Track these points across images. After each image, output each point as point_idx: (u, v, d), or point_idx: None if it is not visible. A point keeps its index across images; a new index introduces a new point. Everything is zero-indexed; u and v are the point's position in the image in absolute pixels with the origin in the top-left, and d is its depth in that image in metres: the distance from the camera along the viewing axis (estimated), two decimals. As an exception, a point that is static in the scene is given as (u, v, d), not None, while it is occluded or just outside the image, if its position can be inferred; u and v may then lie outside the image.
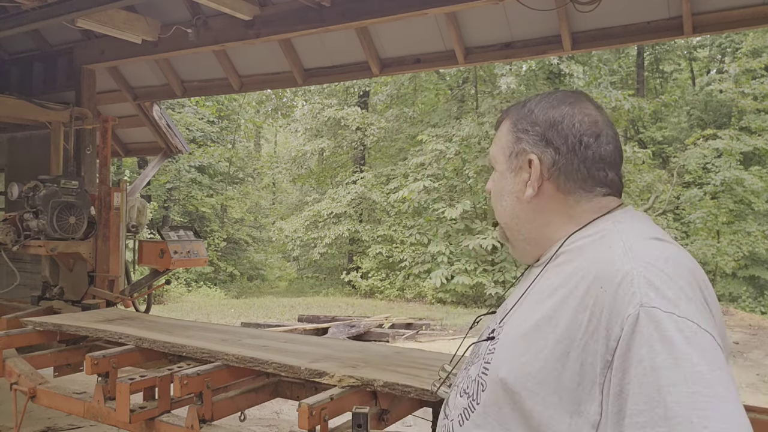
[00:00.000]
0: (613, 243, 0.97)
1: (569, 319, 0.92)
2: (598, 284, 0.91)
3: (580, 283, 0.94)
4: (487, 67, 16.47)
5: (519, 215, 1.12)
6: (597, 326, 0.88)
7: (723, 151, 17.03)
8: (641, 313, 0.84)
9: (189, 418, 2.60)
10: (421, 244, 16.90)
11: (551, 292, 0.99)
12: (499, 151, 1.15)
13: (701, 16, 4.37)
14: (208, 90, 7.04)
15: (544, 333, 0.95)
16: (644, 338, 0.83)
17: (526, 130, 1.10)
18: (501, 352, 1.03)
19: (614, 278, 0.89)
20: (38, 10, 4.56)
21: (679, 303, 0.85)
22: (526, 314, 1.02)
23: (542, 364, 0.93)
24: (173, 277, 16.82)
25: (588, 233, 1.04)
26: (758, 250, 16.41)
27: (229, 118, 22.46)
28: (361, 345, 3.51)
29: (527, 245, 1.14)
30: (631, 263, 0.90)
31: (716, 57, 21.88)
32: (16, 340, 3.73)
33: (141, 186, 7.80)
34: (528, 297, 1.06)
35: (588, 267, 0.95)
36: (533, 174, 1.08)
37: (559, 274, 1.01)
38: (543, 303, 0.99)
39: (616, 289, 0.88)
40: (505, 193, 1.14)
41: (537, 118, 1.10)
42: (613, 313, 0.87)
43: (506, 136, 1.14)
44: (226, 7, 4.80)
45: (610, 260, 0.93)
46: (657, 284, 0.87)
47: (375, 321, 11.04)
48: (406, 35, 5.36)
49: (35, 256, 5.82)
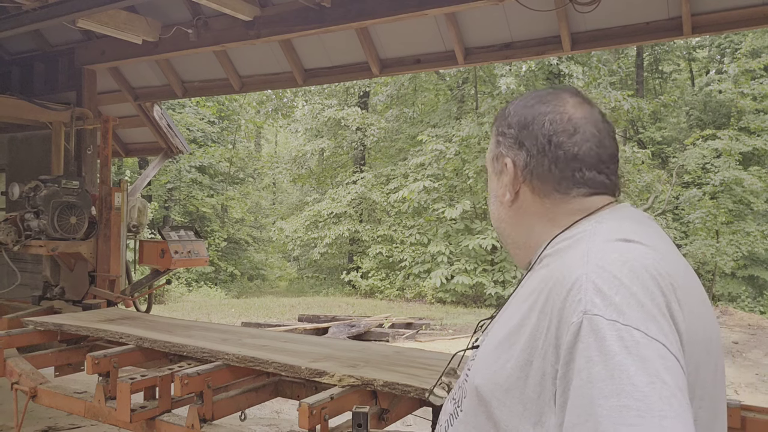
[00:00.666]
0: (580, 246, 0.94)
1: (533, 328, 0.90)
2: (555, 290, 0.88)
3: (544, 289, 0.91)
4: (486, 67, 16.48)
5: (504, 219, 1.12)
6: (551, 335, 0.86)
7: (722, 152, 17.03)
8: (584, 320, 0.81)
9: (190, 418, 2.61)
10: (421, 244, 16.91)
11: (525, 298, 0.96)
12: (488, 154, 1.16)
13: (700, 16, 4.37)
14: (209, 90, 7.05)
15: (513, 341, 0.93)
16: (584, 348, 0.80)
17: (504, 133, 1.09)
18: (479, 359, 1.02)
19: (566, 284, 0.87)
20: (39, 10, 4.56)
21: (626, 310, 0.80)
22: (504, 321, 1.00)
23: (509, 372, 0.91)
24: (174, 276, 16.82)
25: (566, 236, 1.00)
26: (757, 250, 16.41)
27: (230, 118, 22.47)
28: (361, 345, 3.52)
29: (517, 249, 1.13)
30: (583, 268, 0.87)
31: (715, 57, 21.89)
32: (17, 339, 3.74)
33: (142, 186, 7.80)
34: (509, 303, 1.05)
35: (552, 273, 0.93)
36: (507, 177, 1.08)
37: (534, 280, 0.99)
38: (518, 310, 0.97)
39: (566, 296, 0.85)
40: (491, 196, 1.15)
41: (512, 120, 1.09)
42: (561, 320, 0.85)
43: (492, 139, 1.15)
44: (227, 8, 4.81)
45: (568, 265, 0.90)
46: (604, 290, 0.82)
47: (375, 321, 11.04)
48: (406, 35, 5.37)
49: (36, 256, 5.83)
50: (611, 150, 1.04)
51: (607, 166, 1.03)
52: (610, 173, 1.03)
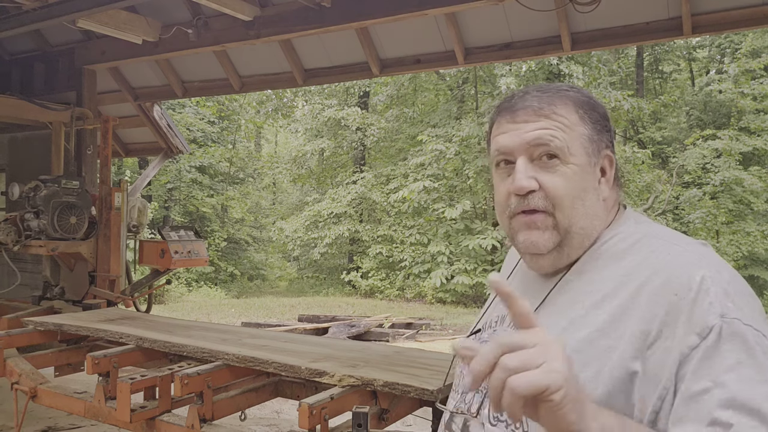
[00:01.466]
0: (667, 248, 0.92)
1: (637, 331, 0.86)
2: (670, 291, 0.86)
3: (641, 290, 0.88)
4: (486, 67, 16.49)
5: (599, 216, 1.00)
6: (669, 336, 0.84)
7: (722, 152, 17.04)
8: (724, 324, 0.82)
9: (189, 418, 2.61)
10: (421, 244, 16.91)
11: (597, 303, 0.91)
12: (576, 139, 0.99)
13: (701, 16, 4.37)
14: (209, 90, 7.05)
15: (605, 347, 0.87)
16: (730, 350, 0.81)
17: (601, 122, 1.02)
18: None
19: (690, 286, 0.85)
20: (39, 10, 4.56)
21: (754, 316, 0.84)
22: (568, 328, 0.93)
23: (606, 380, 0.86)
24: (174, 276, 16.82)
25: (618, 235, 0.99)
26: (757, 250, 16.40)
27: (230, 118, 22.46)
28: (361, 345, 3.52)
29: (580, 250, 1.01)
30: (704, 270, 0.86)
31: (715, 57, 21.89)
32: (17, 339, 3.74)
33: (142, 186, 7.80)
34: (556, 308, 0.98)
35: (644, 273, 0.90)
36: (612, 171, 1.02)
37: (596, 282, 0.95)
38: (590, 315, 0.91)
39: (694, 298, 0.84)
40: (589, 190, 0.99)
41: (605, 113, 1.03)
42: (691, 322, 0.83)
43: (581, 124, 1.00)
44: (227, 8, 4.81)
45: (680, 267, 0.88)
46: (733, 296, 0.85)
47: (375, 321, 11.05)
48: (406, 35, 5.37)
49: (36, 256, 5.83)
50: None
51: None
52: None
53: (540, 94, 1.01)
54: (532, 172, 0.98)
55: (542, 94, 1.01)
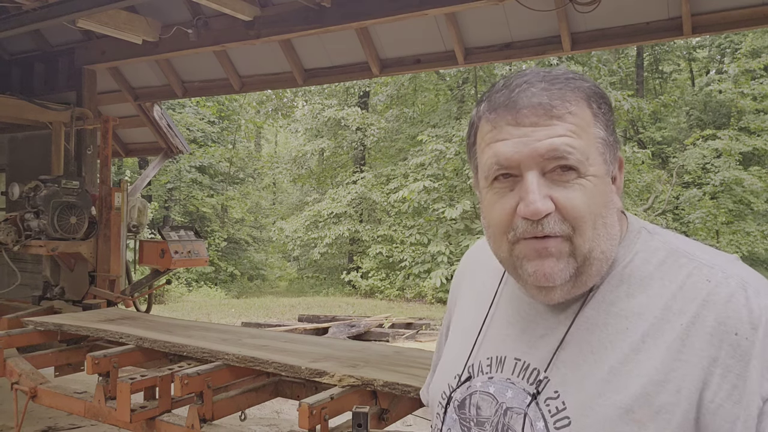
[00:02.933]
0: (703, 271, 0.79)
1: (696, 380, 0.73)
2: (730, 331, 0.73)
3: (693, 329, 0.75)
4: (486, 67, 16.49)
5: (616, 235, 0.82)
6: (737, 386, 0.72)
7: (722, 152, 17.05)
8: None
9: (189, 418, 2.61)
10: (421, 244, 16.91)
11: (636, 345, 0.77)
12: (592, 144, 0.80)
13: (701, 16, 4.37)
14: (209, 90, 7.05)
15: (661, 404, 0.74)
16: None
17: (610, 118, 0.83)
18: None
19: (753, 323, 0.73)
20: (39, 10, 4.56)
21: None
22: (605, 376, 0.77)
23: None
24: (174, 276, 16.82)
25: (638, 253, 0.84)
26: (757, 250, 16.42)
27: (230, 118, 22.47)
28: (361, 345, 3.52)
29: (598, 278, 0.83)
30: (758, 300, 0.75)
31: (715, 57, 21.90)
32: (17, 339, 3.75)
33: (142, 186, 7.81)
34: (579, 348, 0.81)
35: (690, 306, 0.77)
36: (621, 176, 0.86)
37: (626, 316, 0.80)
38: (632, 360, 0.77)
39: (762, 337, 0.72)
40: (609, 206, 0.81)
41: (610, 101, 0.84)
42: (764, 363, 0.72)
43: (594, 124, 0.81)
44: (227, 8, 4.81)
45: (730, 296, 0.75)
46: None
47: (375, 321, 11.04)
48: (406, 35, 5.37)
49: (36, 256, 5.83)
50: None
51: None
52: None
53: (548, 87, 0.79)
54: (546, 189, 0.78)
55: (551, 86, 0.79)
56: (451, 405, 0.89)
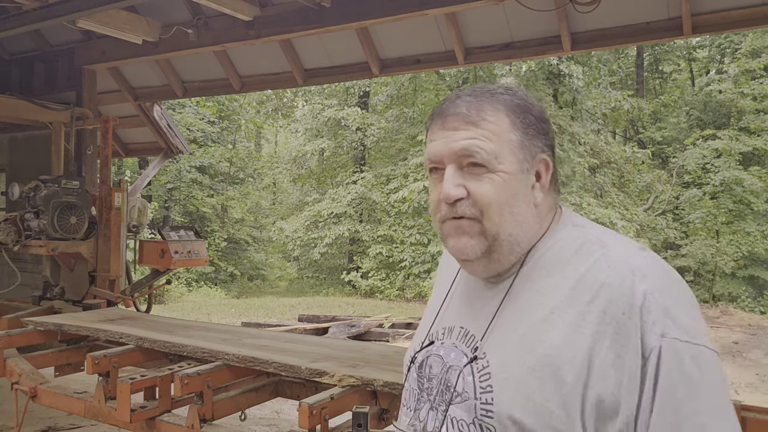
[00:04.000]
0: (608, 257, 0.93)
1: (589, 349, 0.87)
2: (617, 309, 0.88)
3: (590, 306, 0.89)
4: (486, 67, 16.49)
5: (528, 223, 0.99)
6: (619, 357, 0.86)
7: (722, 152, 17.04)
8: (663, 345, 0.85)
9: (189, 418, 2.61)
10: (421, 244, 16.91)
11: (546, 317, 0.92)
12: (505, 146, 0.97)
13: (701, 16, 4.37)
14: (209, 90, 7.05)
15: (559, 366, 0.88)
16: (667, 372, 0.85)
17: (536, 126, 1.00)
18: (505, 390, 0.91)
19: (634, 304, 0.87)
20: (39, 10, 4.56)
21: (691, 328, 0.87)
22: (521, 342, 0.93)
23: (564, 399, 0.87)
24: (174, 276, 16.81)
25: (559, 241, 0.99)
26: (757, 250, 16.41)
27: (230, 118, 22.46)
28: (361, 345, 3.52)
29: (513, 258, 1.00)
30: (644, 285, 0.88)
31: (715, 57, 21.89)
32: (17, 339, 3.75)
33: (142, 186, 7.80)
34: (508, 319, 0.97)
35: (591, 287, 0.91)
36: (548, 176, 1.01)
37: (544, 293, 0.95)
38: (543, 330, 0.91)
39: (639, 316, 0.86)
40: (518, 197, 0.98)
41: (541, 114, 1.01)
42: (642, 342, 0.86)
43: (512, 130, 0.98)
44: (227, 8, 4.81)
45: (621, 282, 0.89)
46: (672, 311, 0.87)
47: (375, 321, 11.04)
48: (406, 35, 5.37)
49: (36, 256, 5.83)
50: None
51: None
52: None
53: (471, 99, 0.99)
54: (460, 179, 0.97)
55: (473, 98, 0.99)
56: (414, 365, 1.08)
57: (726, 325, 12.25)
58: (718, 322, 12.66)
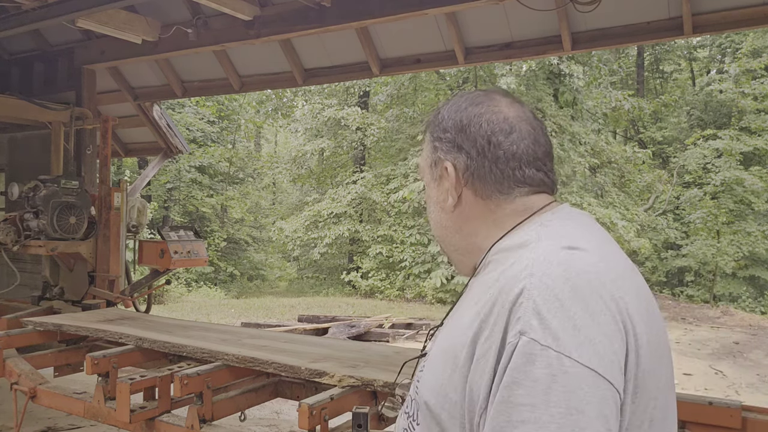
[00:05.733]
0: (527, 254, 0.92)
1: (474, 337, 0.88)
2: (501, 302, 0.87)
3: (487, 299, 0.90)
4: (487, 67, 16.48)
5: (446, 225, 1.09)
6: (491, 348, 0.85)
7: (723, 151, 17.04)
8: (519, 342, 0.81)
9: (189, 418, 2.60)
10: (421, 244, 16.90)
11: (469, 306, 0.95)
12: (423, 161, 1.14)
13: (701, 16, 4.36)
14: (209, 90, 7.04)
15: (456, 352, 0.90)
16: (513, 369, 0.80)
17: (440, 137, 1.09)
18: (427, 371, 0.99)
19: (510, 297, 0.86)
20: (38, 10, 4.56)
21: (561, 335, 0.80)
22: (449, 331, 0.99)
23: (455, 384, 0.89)
24: (173, 277, 16.78)
25: (512, 240, 1.00)
26: (758, 250, 16.40)
27: (229, 118, 22.46)
28: (361, 345, 3.51)
29: (460, 256, 1.10)
30: (525, 281, 0.86)
31: (716, 57, 21.89)
32: (17, 340, 3.74)
33: (141, 186, 7.80)
34: (455, 311, 1.03)
35: (496, 282, 0.92)
36: (449, 182, 1.06)
37: (477, 287, 0.98)
38: (462, 319, 0.95)
39: (509, 311, 0.85)
40: (431, 203, 1.13)
41: (447, 124, 1.08)
42: (503, 337, 0.84)
43: (426, 146, 1.14)
44: (227, 8, 4.80)
45: (512, 275, 0.89)
46: (543, 312, 0.82)
47: (375, 321, 11.03)
48: (406, 35, 5.36)
49: (35, 256, 5.82)
50: (546, 147, 1.06)
51: (544, 162, 1.04)
52: (548, 170, 1.05)
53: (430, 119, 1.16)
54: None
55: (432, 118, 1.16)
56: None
57: (727, 326, 12.24)
58: (718, 323, 12.65)
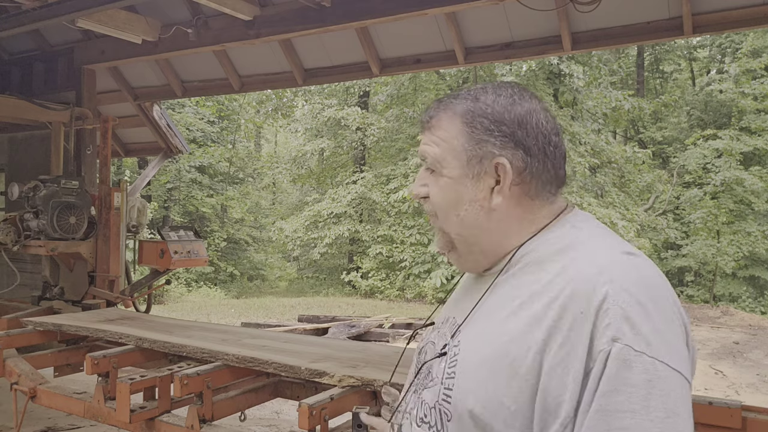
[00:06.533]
0: (584, 257, 0.91)
1: (542, 344, 0.86)
2: (577, 308, 0.85)
3: (553, 303, 0.88)
4: (487, 67, 16.47)
5: (481, 225, 1.01)
6: (570, 354, 0.84)
7: (723, 152, 17.04)
8: (613, 349, 0.81)
9: (189, 418, 2.60)
10: (421, 244, 16.90)
11: (515, 310, 0.92)
12: (449, 153, 1.01)
13: (701, 16, 4.36)
14: (209, 90, 7.04)
15: (514, 358, 0.88)
16: (610, 377, 0.81)
17: (490, 129, 0.98)
18: (464, 378, 0.94)
19: (592, 304, 0.84)
20: (38, 10, 4.56)
21: (653, 341, 0.81)
22: (486, 333, 0.95)
23: (515, 392, 0.86)
24: (173, 277, 16.78)
25: (548, 240, 0.98)
26: (758, 250, 16.40)
27: (230, 118, 22.45)
28: (361, 345, 3.51)
29: (482, 257, 1.04)
30: (607, 287, 0.84)
31: (716, 57, 21.89)
32: (17, 340, 3.74)
33: (141, 186, 7.80)
34: (483, 311, 0.99)
35: (559, 284, 0.89)
36: (505, 180, 0.98)
37: (519, 287, 0.95)
38: (507, 322, 0.92)
39: (595, 317, 0.83)
40: (463, 202, 1.00)
41: (501, 116, 0.98)
42: (592, 344, 0.83)
43: (459, 135, 1.00)
44: (227, 7, 4.80)
45: (587, 280, 0.87)
46: (633, 318, 0.82)
47: (375, 321, 11.03)
48: (406, 35, 5.36)
49: (35, 256, 5.82)
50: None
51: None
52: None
53: (436, 105, 1.06)
54: (425, 179, 1.06)
55: (438, 105, 1.06)
56: (416, 352, 1.15)
57: (727, 326, 12.24)
58: (718, 323, 12.65)
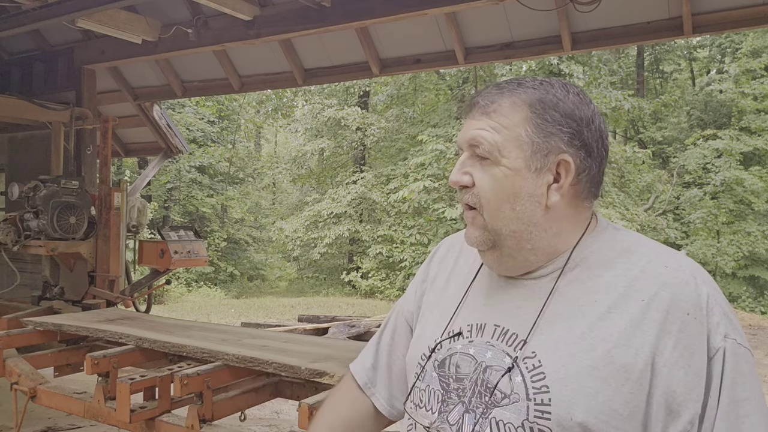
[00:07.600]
0: (660, 259, 0.94)
1: (652, 347, 0.87)
2: (682, 309, 0.88)
3: (650, 305, 0.89)
4: (487, 67, 16.47)
5: (537, 223, 0.96)
6: (684, 355, 0.87)
7: (723, 152, 17.04)
8: (727, 345, 0.88)
9: (189, 418, 2.60)
10: (421, 244, 16.90)
11: (602, 315, 0.91)
12: (511, 141, 0.95)
13: (701, 16, 4.37)
14: (209, 90, 7.04)
15: (623, 363, 0.87)
16: (732, 372, 0.88)
17: (561, 124, 0.94)
18: (563, 390, 0.88)
19: (700, 305, 0.89)
20: (38, 10, 4.56)
21: (741, 331, 0.91)
22: (574, 341, 0.90)
23: (627, 397, 0.87)
24: (173, 277, 16.79)
25: (605, 242, 0.99)
26: (758, 250, 16.40)
27: (230, 118, 22.46)
28: (361, 345, 3.50)
29: (533, 255, 0.98)
30: (705, 288, 0.91)
31: (716, 57, 21.89)
32: (17, 340, 3.73)
33: (141, 186, 7.80)
34: (554, 317, 0.94)
35: (648, 286, 0.91)
36: (567, 178, 0.95)
37: (594, 291, 0.93)
38: (598, 327, 0.90)
39: (705, 318, 0.88)
40: (521, 196, 0.95)
41: (572, 112, 0.95)
42: (709, 343, 0.88)
43: (525, 124, 0.95)
44: (227, 7, 4.80)
45: (684, 283, 0.91)
46: (729, 314, 0.91)
47: (375, 321, 11.03)
48: (406, 35, 5.36)
49: (36, 256, 5.82)
50: None
51: None
52: None
53: (495, 91, 0.99)
54: (470, 167, 0.99)
55: (497, 90, 0.99)
56: (431, 363, 1.02)
57: (726, 325, 12.22)
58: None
